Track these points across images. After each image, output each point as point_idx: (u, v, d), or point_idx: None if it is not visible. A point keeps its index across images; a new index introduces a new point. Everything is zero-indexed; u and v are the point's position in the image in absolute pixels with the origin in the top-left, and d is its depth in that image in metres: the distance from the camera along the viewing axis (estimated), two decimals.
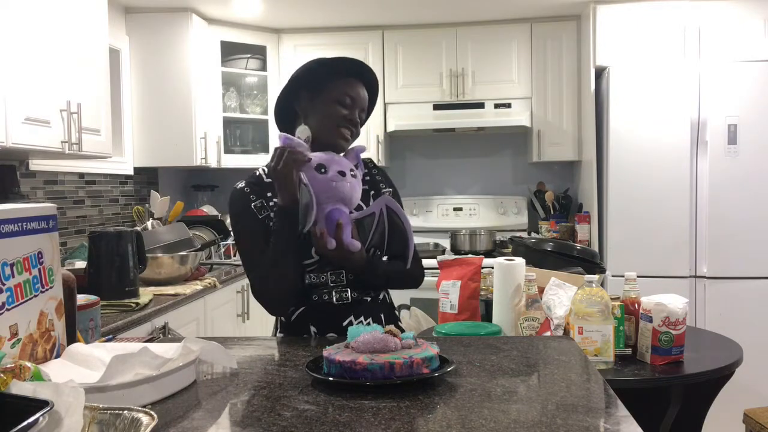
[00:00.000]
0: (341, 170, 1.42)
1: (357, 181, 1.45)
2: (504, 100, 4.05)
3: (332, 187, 1.38)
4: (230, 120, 4.15)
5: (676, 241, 3.46)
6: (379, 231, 1.53)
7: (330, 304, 1.62)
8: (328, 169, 1.39)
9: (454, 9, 3.86)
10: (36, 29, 2.37)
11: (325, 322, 1.63)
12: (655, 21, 3.64)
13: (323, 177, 1.39)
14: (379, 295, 1.70)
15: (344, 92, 1.62)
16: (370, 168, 1.74)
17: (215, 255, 3.58)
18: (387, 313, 1.72)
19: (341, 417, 0.98)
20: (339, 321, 1.63)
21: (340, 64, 1.64)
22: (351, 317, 1.64)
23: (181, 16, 3.72)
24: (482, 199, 4.38)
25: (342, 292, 1.63)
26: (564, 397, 1.07)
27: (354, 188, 1.44)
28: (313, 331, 1.64)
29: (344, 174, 1.42)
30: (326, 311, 1.63)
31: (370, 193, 1.70)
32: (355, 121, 1.63)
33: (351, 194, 1.43)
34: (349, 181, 1.42)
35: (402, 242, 1.54)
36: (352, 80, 1.64)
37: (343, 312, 1.63)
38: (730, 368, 1.97)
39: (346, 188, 1.40)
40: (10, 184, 2.71)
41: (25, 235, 1.12)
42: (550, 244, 2.67)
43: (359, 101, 1.64)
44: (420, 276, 1.75)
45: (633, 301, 1.99)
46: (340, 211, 1.42)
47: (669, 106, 3.44)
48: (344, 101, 1.61)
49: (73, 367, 1.12)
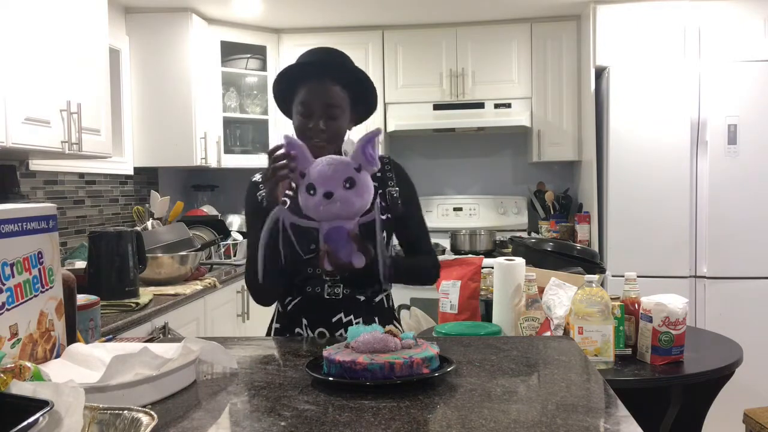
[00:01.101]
0: (328, 191, 1.30)
1: (356, 189, 1.32)
2: (504, 100, 4.05)
3: (321, 211, 1.33)
4: (230, 120, 4.15)
5: (676, 241, 3.46)
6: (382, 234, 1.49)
7: (321, 297, 1.63)
8: (317, 191, 1.31)
9: (454, 9, 3.86)
10: (36, 29, 2.37)
11: (316, 315, 1.64)
12: (655, 21, 3.64)
13: (312, 199, 1.31)
14: (375, 297, 1.69)
15: (299, 100, 1.58)
16: (383, 164, 1.69)
17: (215, 255, 3.57)
18: (383, 316, 1.69)
19: (341, 417, 0.98)
20: (329, 316, 1.63)
21: (292, 71, 1.61)
22: (341, 314, 1.64)
23: (181, 16, 3.71)
24: (482, 199, 4.38)
25: (334, 287, 1.63)
26: (564, 397, 1.07)
27: (348, 203, 1.32)
28: (304, 324, 1.65)
29: (331, 195, 1.30)
30: (317, 305, 1.64)
31: (377, 192, 1.68)
32: (318, 128, 1.56)
33: (346, 211, 1.33)
34: (340, 198, 1.30)
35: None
36: (306, 84, 1.58)
37: (333, 307, 1.63)
38: (730, 368, 1.97)
39: (335, 208, 1.30)
40: (10, 184, 2.70)
41: (25, 235, 1.12)
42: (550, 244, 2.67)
43: (317, 104, 1.56)
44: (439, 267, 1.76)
45: (633, 301, 1.99)
46: (336, 229, 1.35)
47: (669, 106, 3.44)
48: (301, 110, 1.58)
49: (73, 367, 1.12)
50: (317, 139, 1.56)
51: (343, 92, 1.60)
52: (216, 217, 3.86)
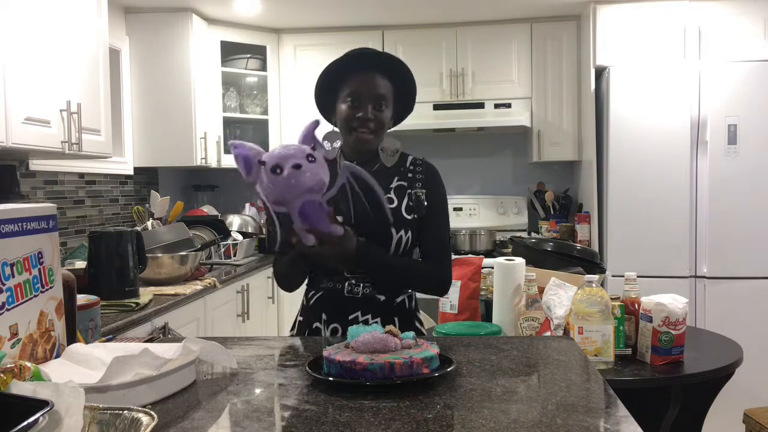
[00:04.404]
0: (296, 163, 1.32)
1: (317, 164, 1.35)
2: (504, 100, 4.05)
3: (292, 184, 1.33)
4: (230, 120, 4.15)
5: (676, 241, 3.46)
6: (358, 203, 1.47)
7: (341, 294, 1.64)
8: (284, 167, 1.32)
9: (454, 9, 3.86)
10: (36, 29, 2.37)
11: (335, 311, 1.65)
12: (655, 21, 3.64)
13: (281, 178, 1.31)
14: (396, 298, 1.68)
15: (349, 90, 1.61)
16: (415, 165, 1.71)
17: (215, 255, 3.58)
18: (404, 316, 1.68)
19: (341, 417, 0.98)
20: (346, 313, 1.64)
21: (345, 62, 1.63)
22: (358, 313, 1.64)
23: (181, 16, 3.71)
24: (482, 199, 4.38)
25: (355, 285, 1.63)
26: (564, 397, 1.07)
27: (315, 173, 1.34)
28: (323, 319, 1.66)
29: (300, 166, 1.32)
30: (337, 301, 1.64)
31: (406, 191, 1.67)
32: (367, 117, 1.60)
33: (314, 181, 1.34)
34: (308, 169, 1.32)
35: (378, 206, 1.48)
36: (359, 75, 1.62)
37: (351, 305, 1.63)
38: (730, 368, 1.97)
39: (306, 178, 1.31)
40: (10, 184, 2.70)
41: (25, 235, 1.12)
42: (550, 244, 2.67)
43: (368, 95, 1.61)
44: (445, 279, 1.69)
45: (633, 301, 1.99)
46: (310, 202, 1.36)
47: (669, 106, 3.44)
48: (350, 99, 1.61)
49: (73, 367, 1.12)
50: (364, 129, 1.60)
51: (389, 86, 1.65)
52: (216, 217, 3.86)
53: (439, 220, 1.70)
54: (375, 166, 1.68)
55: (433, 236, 1.69)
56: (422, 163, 1.73)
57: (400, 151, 1.71)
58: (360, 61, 1.63)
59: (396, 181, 1.69)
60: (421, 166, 1.72)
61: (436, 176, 1.72)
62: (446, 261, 1.70)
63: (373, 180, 1.42)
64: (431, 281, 1.68)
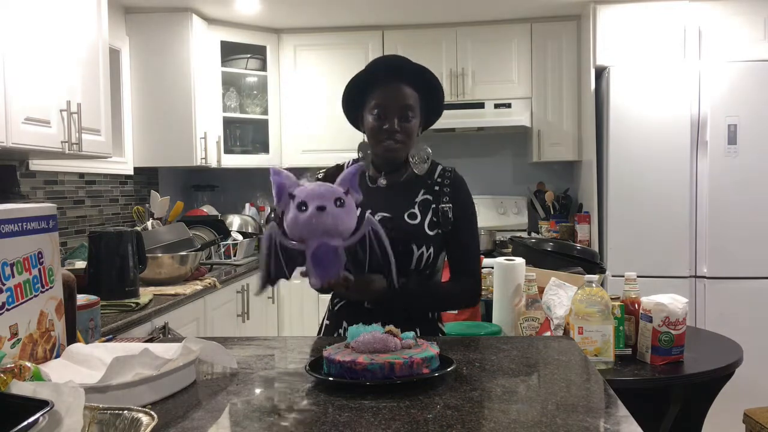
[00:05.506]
0: (321, 205, 1.32)
1: (344, 209, 1.35)
2: (504, 100, 4.05)
3: (312, 224, 1.34)
4: (230, 120, 4.15)
5: (676, 241, 3.46)
6: (374, 253, 1.44)
7: (362, 304, 1.63)
8: (309, 206, 1.33)
9: (454, 9, 3.86)
10: (36, 29, 2.37)
11: (356, 321, 1.62)
12: (655, 21, 3.64)
13: (303, 216, 1.32)
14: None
15: (375, 102, 1.61)
16: (444, 177, 1.69)
17: (215, 255, 3.58)
18: (425, 327, 1.66)
19: (341, 417, 0.98)
20: (367, 322, 1.61)
21: (368, 74, 1.63)
22: (378, 323, 1.61)
23: (181, 16, 3.71)
24: (482, 199, 4.37)
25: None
26: (564, 397, 1.07)
27: (339, 218, 1.34)
28: (344, 326, 1.65)
29: (324, 208, 1.32)
30: (360, 311, 1.62)
31: (431, 206, 1.66)
32: (393, 129, 1.59)
33: (335, 225, 1.34)
34: (332, 213, 1.32)
35: (384, 266, 1.45)
36: (384, 86, 1.61)
37: (374, 316, 1.59)
38: (730, 368, 1.97)
39: (328, 221, 1.31)
40: (10, 184, 2.70)
41: (25, 235, 1.12)
42: (550, 244, 2.67)
43: (394, 106, 1.60)
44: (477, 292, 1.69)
45: (633, 301, 1.99)
46: (325, 246, 1.35)
47: (669, 106, 3.44)
48: (376, 111, 1.60)
49: (73, 367, 1.12)
50: (391, 141, 1.60)
51: (415, 95, 1.64)
52: (216, 217, 3.86)
53: (468, 232, 1.69)
54: (404, 176, 1.68)
55: (462, 249, 1.68)
56: (451, 175, 1.71)
57: (430, 159, 1.69)
58: (385, 72, 1.63)
59: (422, 195, 1.67)
60: (449, 179, 1.70)
61: (462, 187, 1.71)
62: (477, 273, 1.70)
63: (387, 242, 1.41)
64: (463, 298, 1.70)
